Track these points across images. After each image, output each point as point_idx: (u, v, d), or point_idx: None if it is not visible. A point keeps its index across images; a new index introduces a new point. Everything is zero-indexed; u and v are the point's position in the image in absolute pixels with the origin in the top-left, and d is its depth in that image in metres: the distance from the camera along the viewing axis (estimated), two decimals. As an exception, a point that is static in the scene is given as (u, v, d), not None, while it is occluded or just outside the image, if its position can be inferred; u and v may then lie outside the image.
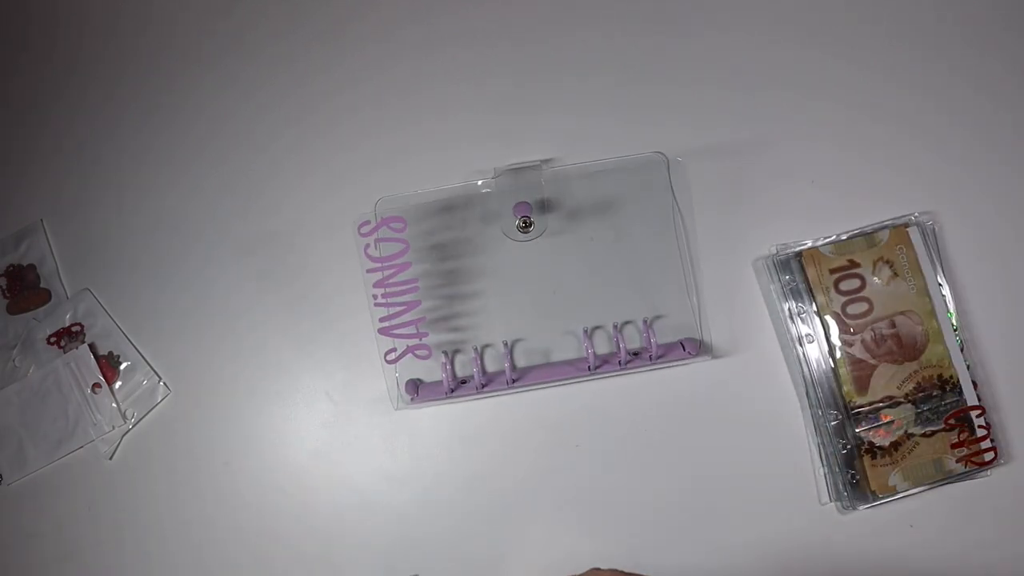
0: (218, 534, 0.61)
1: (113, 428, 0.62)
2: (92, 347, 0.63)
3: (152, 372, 0.63)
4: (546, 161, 0.62)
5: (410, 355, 0.56)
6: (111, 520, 0.62)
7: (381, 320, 0.56)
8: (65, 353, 0.64)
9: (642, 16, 0.65)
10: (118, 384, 0.63)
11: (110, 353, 0.64)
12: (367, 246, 0.55)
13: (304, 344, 0.63)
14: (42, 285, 0.65)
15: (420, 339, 0.56)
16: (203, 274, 0.64)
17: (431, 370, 0.60)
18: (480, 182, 0.62)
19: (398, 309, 0.55)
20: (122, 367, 0.63)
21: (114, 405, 0.63)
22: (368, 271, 0.56)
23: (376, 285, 0.55)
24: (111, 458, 0.62)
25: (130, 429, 0.63)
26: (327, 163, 0.65)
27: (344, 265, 0.63)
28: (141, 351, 0.64)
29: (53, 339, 0.64)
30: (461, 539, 0.60)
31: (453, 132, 0.64)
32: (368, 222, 0.55)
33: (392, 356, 0.56)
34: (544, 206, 0.61)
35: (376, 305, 0.56)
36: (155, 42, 0.68)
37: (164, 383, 0.63)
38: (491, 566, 0.59)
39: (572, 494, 0.60)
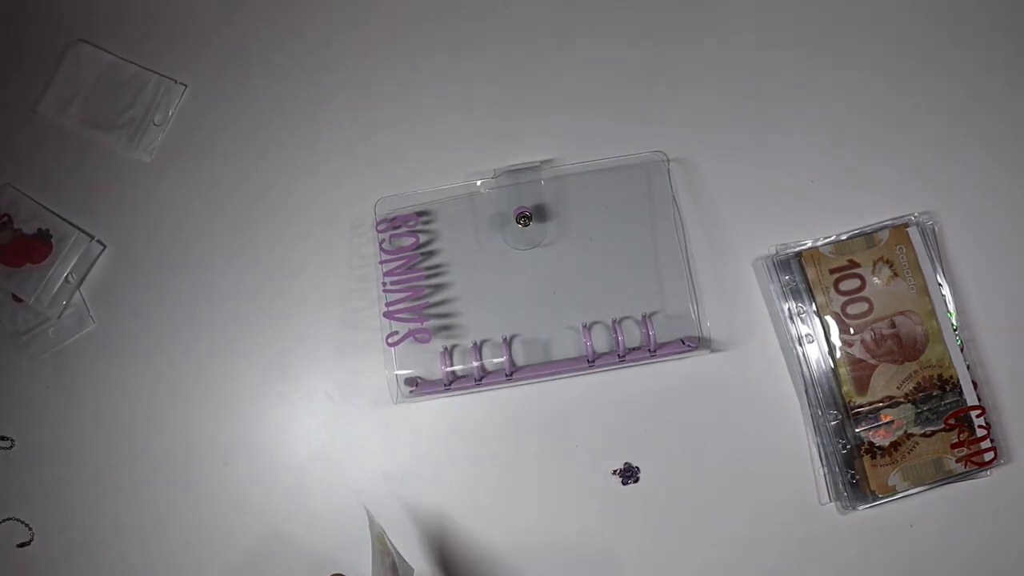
0: (218, 534, 0.61)
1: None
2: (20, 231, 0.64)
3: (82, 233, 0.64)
4: (546, 162, 0.62)
5: (411, 338, 0.58)
6: (111, 521, 0.62)
7: (387, 304, 0.59)
8: None
9: (642, 17, 0.65)
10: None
11: (39, 230, 0.64)
12: (382, 241, 0.60)
13: (304, 344, 0.63)
14: None
15: (421, 323, 0.59)
16: (202, 275, 0.64)
17: (430, 371, 0.60)
18: (479, 182, 0.62)
19: (403, 295, 0.59)
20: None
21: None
22: (380, 262, 0.60)
23: (386, 274, 0.60)
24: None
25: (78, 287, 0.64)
26: (327, 164, 0.65)
27: (344, 266, 0.63)
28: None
29: None
30: (461, 538, 0.60)
31: (452, 133, 0.64)
32: (384, 219, 0.61)
33: (393, 339, 0.58)
34: (543, 210, 0.61)
35: (384, 291, 0.60)
36: (157, 40, 0.68)
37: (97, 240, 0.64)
38: (491, 564, 0.60)
39: (571, 492, 0.60)
